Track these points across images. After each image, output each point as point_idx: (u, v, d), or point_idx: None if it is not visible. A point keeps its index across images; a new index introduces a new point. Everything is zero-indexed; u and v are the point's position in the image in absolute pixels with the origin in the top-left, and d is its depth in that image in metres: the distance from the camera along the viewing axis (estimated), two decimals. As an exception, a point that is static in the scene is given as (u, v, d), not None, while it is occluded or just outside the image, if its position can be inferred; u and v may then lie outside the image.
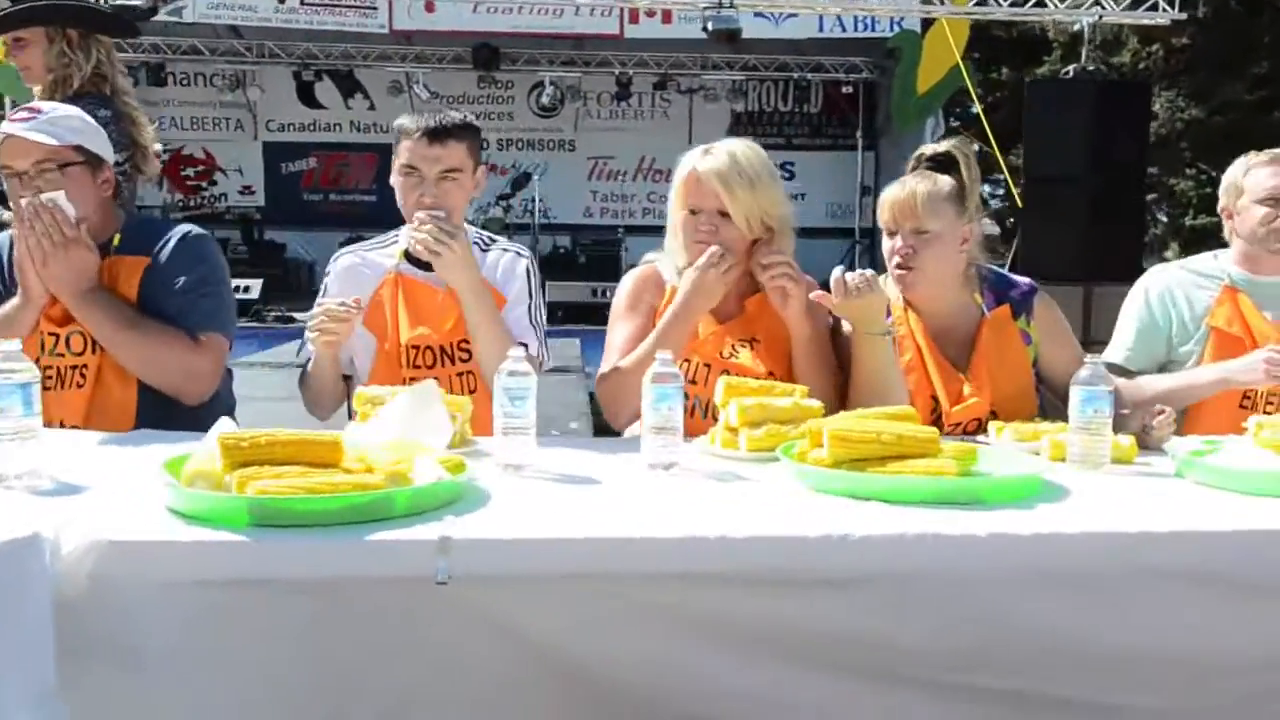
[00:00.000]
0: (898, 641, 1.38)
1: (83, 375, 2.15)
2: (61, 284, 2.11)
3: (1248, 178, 2.56)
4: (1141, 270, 2.91)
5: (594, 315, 8.42)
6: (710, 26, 7.82)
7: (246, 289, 9.86)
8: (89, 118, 2.24)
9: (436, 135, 2.29)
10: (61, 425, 2.10)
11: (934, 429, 1.69)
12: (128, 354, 2.15)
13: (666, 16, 11.04)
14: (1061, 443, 1.91)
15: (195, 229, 2.35)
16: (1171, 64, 12.43)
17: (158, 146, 2.96)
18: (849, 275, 2.12)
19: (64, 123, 2.15)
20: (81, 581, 1.24)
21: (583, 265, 11.71)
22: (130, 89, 2.92)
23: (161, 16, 11.39)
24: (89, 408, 2.14)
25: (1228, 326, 2.56)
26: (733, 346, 2.25)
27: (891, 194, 2.29)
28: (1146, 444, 2.08)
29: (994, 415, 2.26)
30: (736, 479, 1.72)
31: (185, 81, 12.79)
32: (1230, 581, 1.42)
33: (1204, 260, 2.73)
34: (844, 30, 11.45)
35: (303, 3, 11.52)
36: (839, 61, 12.24)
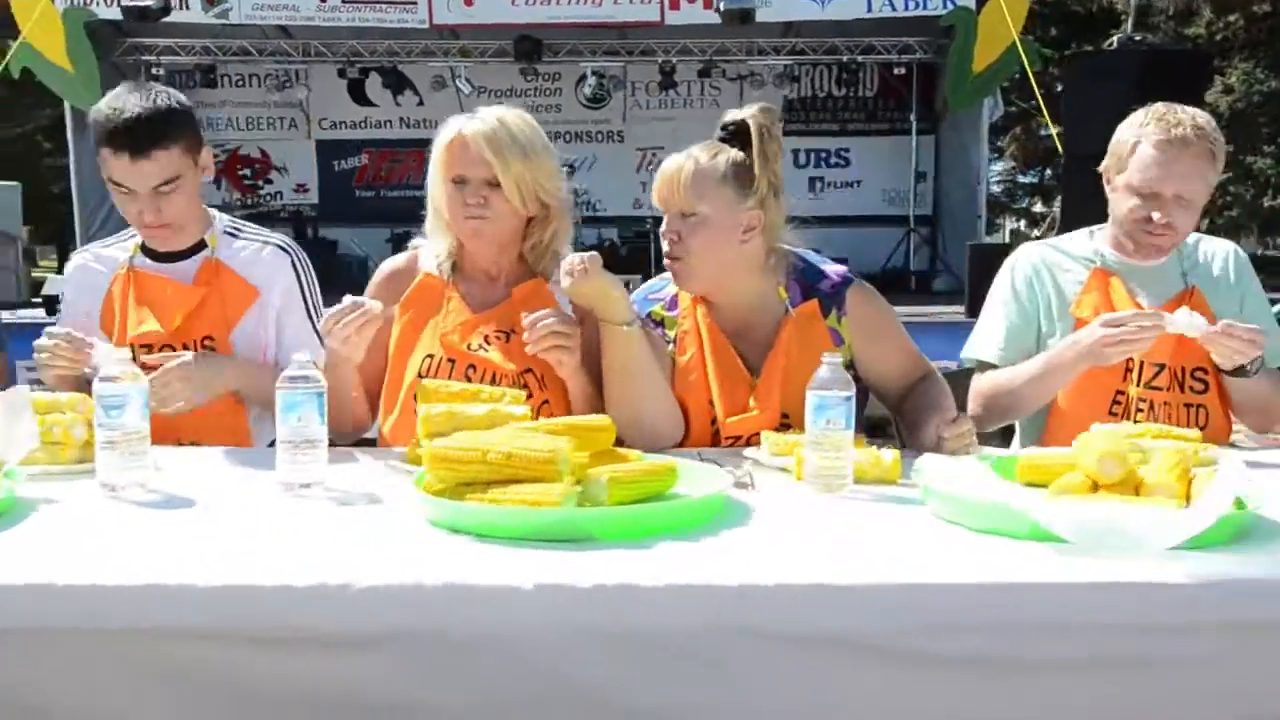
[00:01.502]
0: (430, 703, 1.12)
1: None
2: None
3: (1134, 152, 2.17)
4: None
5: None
6: (723, 7, 7.48)
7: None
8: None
9: (139, 150, 2.02)
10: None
11: (566, 445, 1.38)
12: None
13: (707, 1, 10.70)
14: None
15: None
16: (1252, 33, 11.45)
17: None
18: (566, 259, 1.85)
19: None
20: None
21: (623, 258, 11.49)
22: None
23: (208, 19, 11.67)
24: None
25: (1092, 317, 2.19)
26: (485, 339, 2.00)
27: (662, 169, 2.00)
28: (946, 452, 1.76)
29: (787, 427, 1.95)
30: (371, 504, 1.48)
31: (240, 83, 13.01)
32: (850, 644, 1.12)
33: (1077, 239, 2.36)
34: (893, 9, 10.90)
35: (344, 1, 11.58)
36: (891, 42, 11.68)
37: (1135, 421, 2.12)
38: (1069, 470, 1.49)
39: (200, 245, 2.21)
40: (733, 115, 2.06)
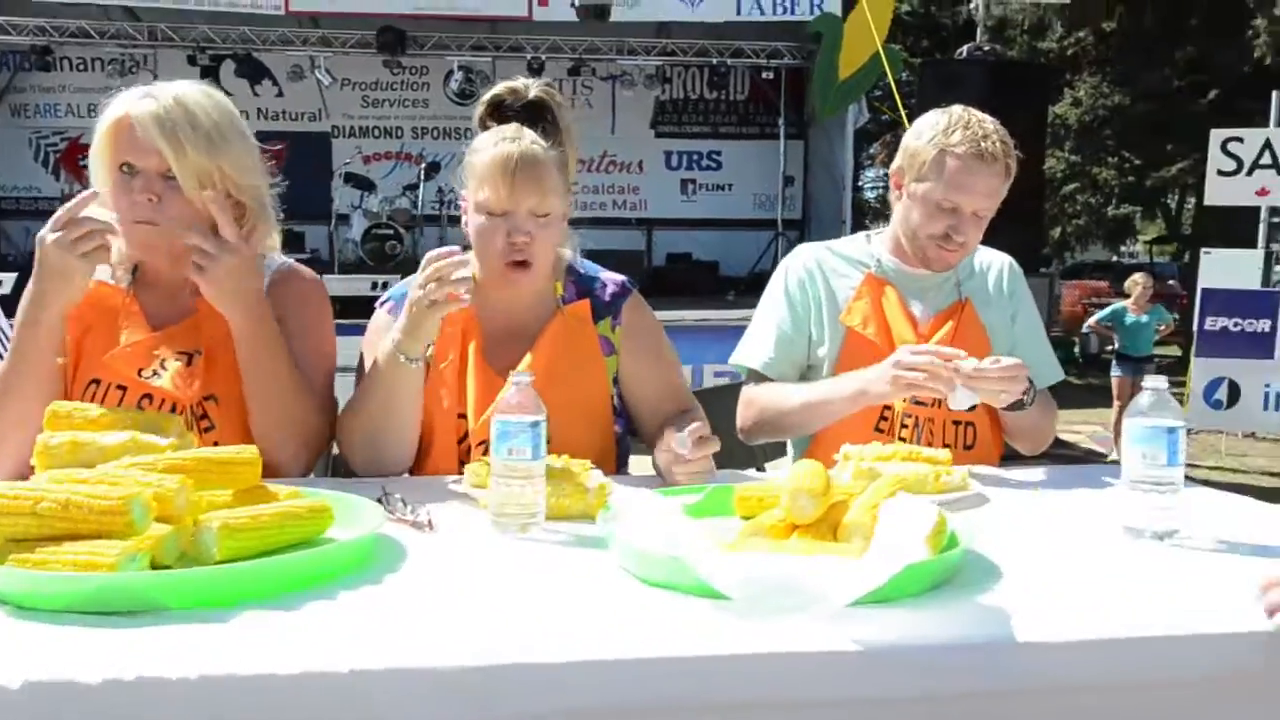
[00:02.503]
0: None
1: None
2: None
3: (938, 163, 2.02)
4: (1046, 264, 2.44)
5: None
6: (577, 2, 7.28)
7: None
8: None
9: None
10: None
11: (145, 489, 1.15)
12: None
13: (574, -2, 10.50)
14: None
15: None
16: (1100, 50, 11.86)
17: None
18: None
19: None
20: None
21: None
22: None
23: (44, -3, 10.92)
24: None
25: (863, 327, 2.06)
26: (161, 363, 1.72)
27: (501, 159, 1.74)
28: (675, 482, 1.59)
29: None
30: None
31: (81, 66, 12.22)
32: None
33: (855, 242, 2.24)
34: (762, 13, 10.91)
35: (194, -19, 10.98)
36: (760, 46, 11.68)
37: (901, 440, 2.00)
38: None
39: None
40: (509, 88, 1.87)
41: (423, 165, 11.52)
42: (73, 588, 1.01)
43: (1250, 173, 6.99)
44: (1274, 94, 7.10)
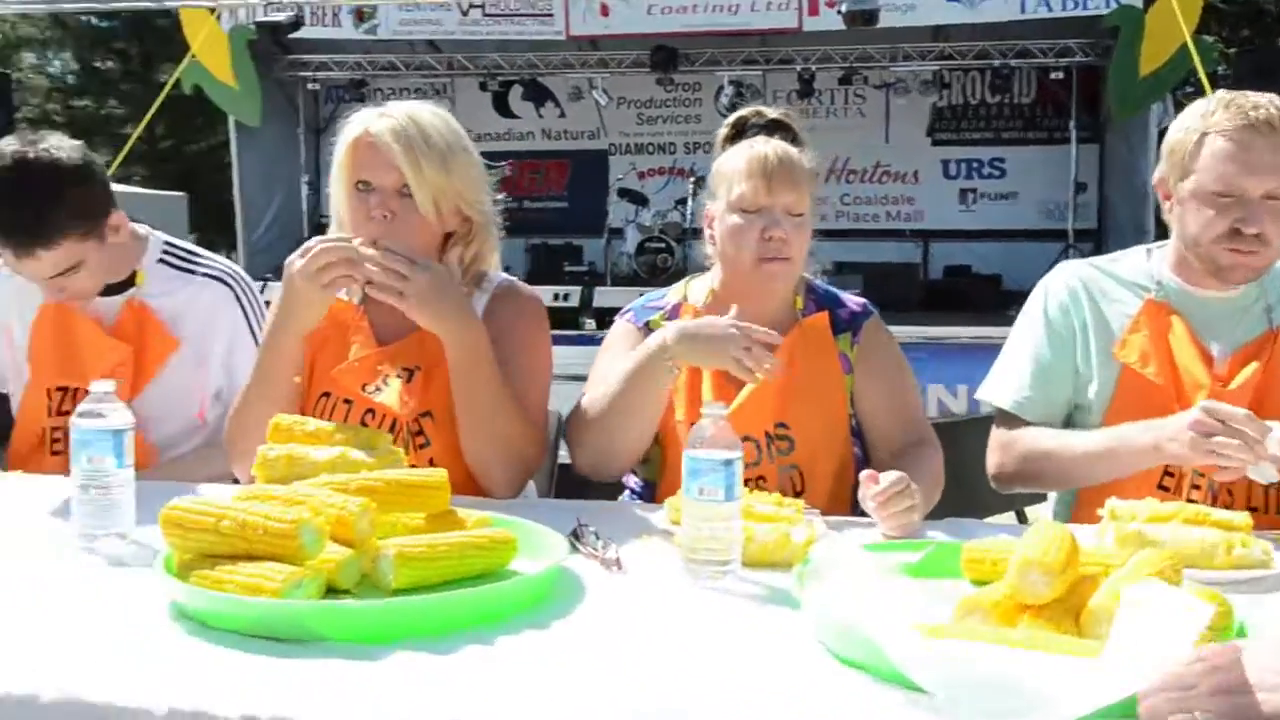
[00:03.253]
0: None
1: None
2: None
3: (1201, 148, 1.72)
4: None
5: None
6: (844, 9, 7.07)
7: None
8: None
9: (23, 251, 1.83)
10: None
11: (316, 513, 1.14)
12: None
13: (846, 6, 10.24)
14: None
15: None
16: None
17: None
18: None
19: None
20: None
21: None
22: None
23: (359, 35, 12.08)
24: None
25: (1141, 364, 1.76)
26: (384, 379, 1.76)
27: (762, 158, 1.77)
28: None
29: (782, 438, 1.77)
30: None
31: (391, 95, 13.35)
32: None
33: (1131, 259, 1.92)
34: (1050, 9, 10.19)
35: (485, 14, 11.74)
36: (1048, 45, 10.87)
37: (1189, 500, 1.68)
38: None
39: (129, 281, 2.05)
40: (754, 110, 1.94)
41: (693, 179, 11.67)
42: (239, 611, 1.02)
43: None
44: None
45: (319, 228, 13.16)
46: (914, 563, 1.24)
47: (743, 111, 1.96)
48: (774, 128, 1.91)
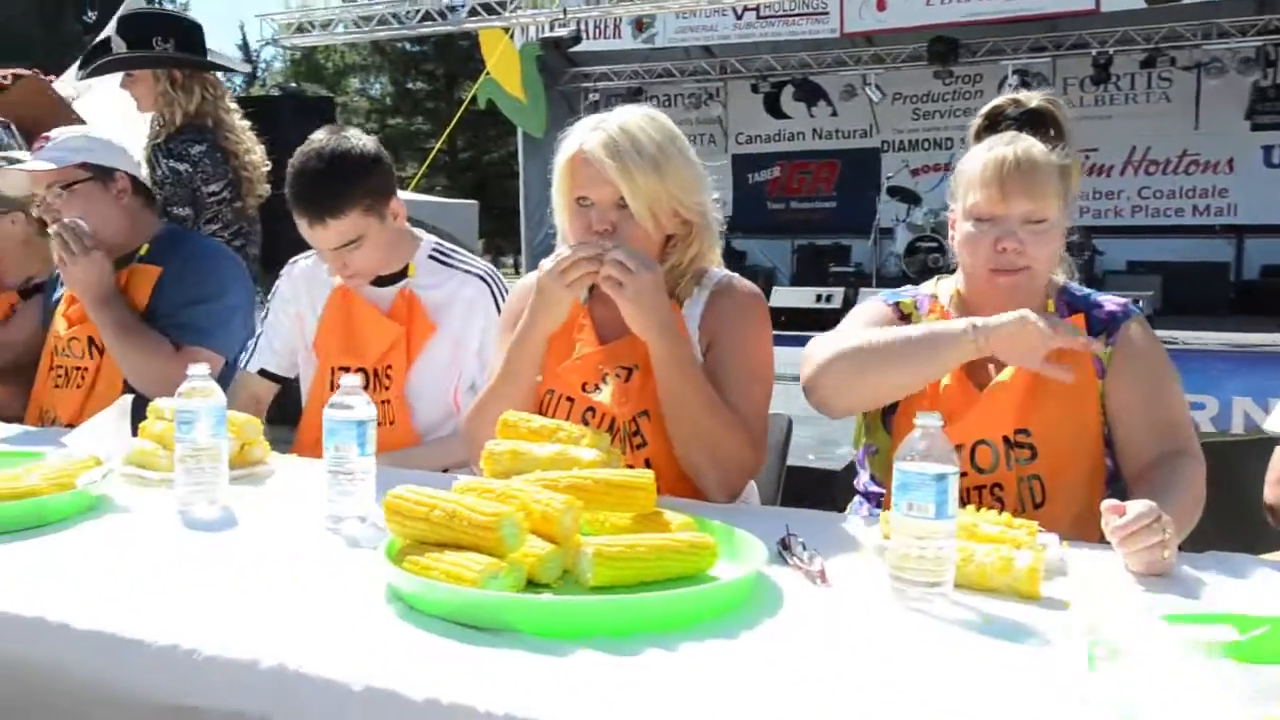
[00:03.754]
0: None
1: (83, 377, 2.38)
2: (79, 288, 2.34)
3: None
4: None
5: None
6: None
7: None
8: (96, 134, 2.46)
9: (315, 218, 2.08)
10: (55, 422, 2.34)
11: (519, 508, 1.19)
12: (120, 358, 2.32)
13: (1150, -18, 9.39)
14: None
15: (217, 246, 2.46)
16: None
17: (266, 173, 3.18)
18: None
19: (66, 144, 2.40)
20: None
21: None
22: (235, 125, 3.15)
23: (638, 44, 12.50)
24: (83, 408, 2.35)
25: None
26: (604, 378, 1.79)
27: (998, 160, 1.69)
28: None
29: (1022, 445, 1.68)
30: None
31: (666, 102, 13.74)
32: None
33: None
34: (1406, -32, 8.84)
35: (759, 16, 11.78)
36: (1402, 9, 9.44)
37: None
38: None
39: (403, 273, 2.25)
40: (1011, 99, 1.83)
41: (971, 177, 11.13)
42: (441, 596, 1.07)
43: None
44: None
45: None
46: (1240, 641, 0.98)
47: (998, 100, 1.85)
48: (1030, 119, 1.79)
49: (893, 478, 1.20)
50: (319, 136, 2.14)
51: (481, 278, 2.24)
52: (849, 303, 8.57)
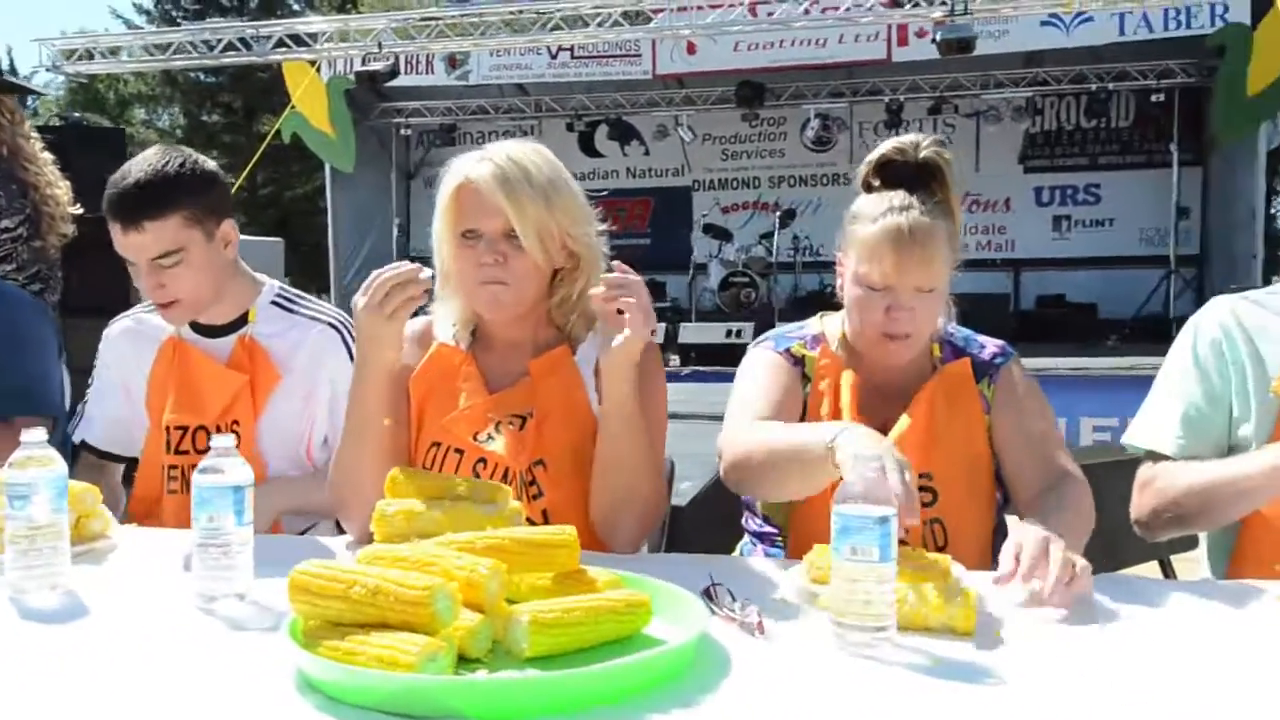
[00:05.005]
0: None
1: None
2: None
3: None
4: None
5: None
6: (939, 38, 6.94)
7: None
8: None
9: (129, 220, 1.89)
10: None
11: (446, 580, 1.08)
12: None
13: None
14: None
15: (11, 289, 2.19)
16: None
17: (73, 210, 2.90)
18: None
19: None
20: None
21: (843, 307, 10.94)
22: (36, 154, 2.87)
23: (451, 80, 12.33)
24: None
25: None
26: (495, 426, 1.70)
27: (888, 233, 1.65)
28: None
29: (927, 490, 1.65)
30: (268, 633, 1.22)
31: (480, 139, 13.63)
32: None
33: None
34: (1151, 30, 9.89)
35: (573, 56, 11.89)
36: (1148, 67, 10.55)
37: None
38: None
39: (242, 319, 2.06)
40: (897, 147, 1.74)
41: (778, 213, 11.58)
42: (373, 685, 0.95)
43: None
44: None
45: (410, 269, 13.47)
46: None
47: (885, 149, 1.76)
48: (920, 174, 1.72)
49: (832, 521, 1.17)
50: (150, 150, 1.97)
51: (331, 324, 2.07)
52: (670, 338, 8.67)
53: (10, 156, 2.79)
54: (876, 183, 1.74)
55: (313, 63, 10.85)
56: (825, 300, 11.50)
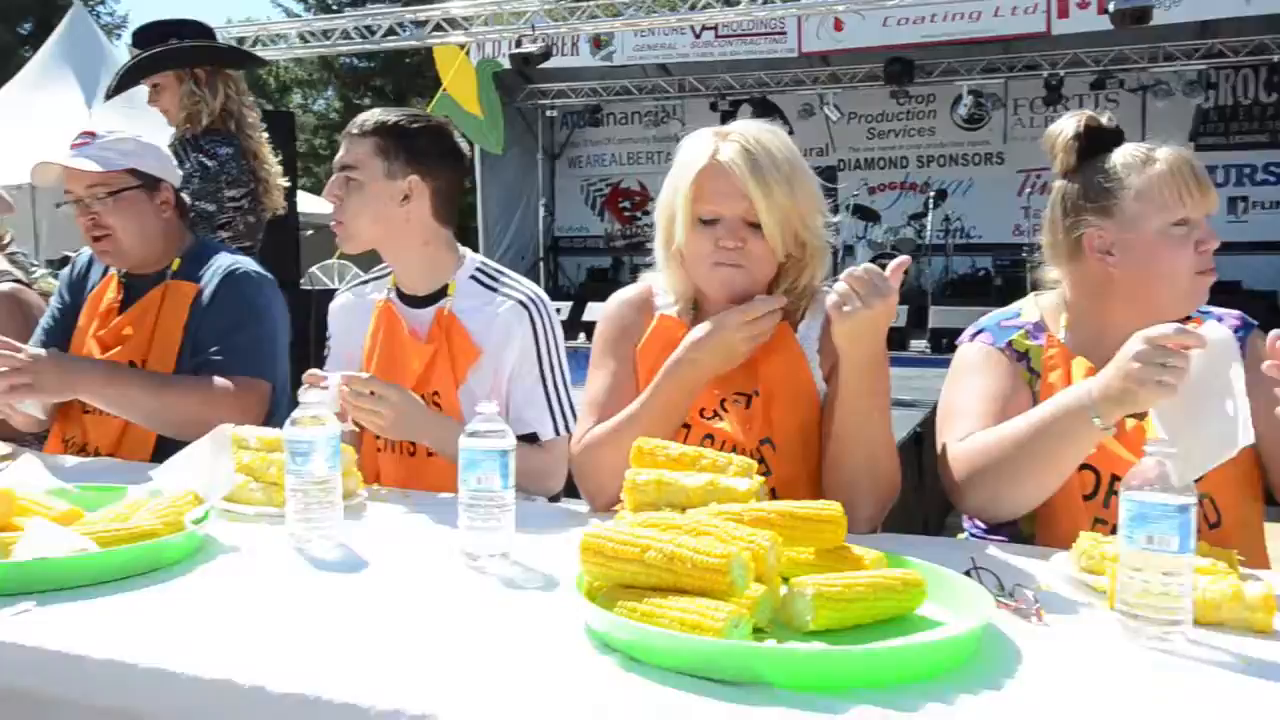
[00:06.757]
0: None
1: None
2: (63, 396, 2.11)
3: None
4: None
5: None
6: (1112, 7, 6.60)
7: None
8: (145, 139, 2.29)
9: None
10: (84, 450, 2.17)
11: (748, 548, 1.08)
12: (163, 423, 2.11)
13: (1101, 5, 9.61)
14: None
15: (242, 266, 2.29)
16: None
17: (284, 182, 3.04)
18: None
19: (115, 147, 2.21)
20: None
21: (998, 288, 10.58)
22: (259, 125, 3.02)
23: (595, 61, 12.43)
24: (121, 438, 2.17)
25: None
26: (722, 404, 1.70)
27: (1177, 167, 1.60)
28: None
29: None
30: (545, 590, 1.25)
31: (623, 120, 13.73)
32: None
33: None
34: (1344, -5, 9.18)
35: (717, 35, 11.82)
36: (1340, 35, 9.81)
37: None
38: None
39: (442, 292, 2.09)
40: (1089, 117, 1.69)
41: (930, 194, 11.27)
42: (683, 647, 0.96)
43: None
44: None
45: (554, 248, 13.65)
46: None
47: (1081, 118, 1.67)
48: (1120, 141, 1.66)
49: (1122, 508, 1.12)
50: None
51: (522, 302, 2.05)
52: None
53: (239, 129, 2.96)
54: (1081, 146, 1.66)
55: (463, 46, 11.10)
56: (980, 283, 11.19)
